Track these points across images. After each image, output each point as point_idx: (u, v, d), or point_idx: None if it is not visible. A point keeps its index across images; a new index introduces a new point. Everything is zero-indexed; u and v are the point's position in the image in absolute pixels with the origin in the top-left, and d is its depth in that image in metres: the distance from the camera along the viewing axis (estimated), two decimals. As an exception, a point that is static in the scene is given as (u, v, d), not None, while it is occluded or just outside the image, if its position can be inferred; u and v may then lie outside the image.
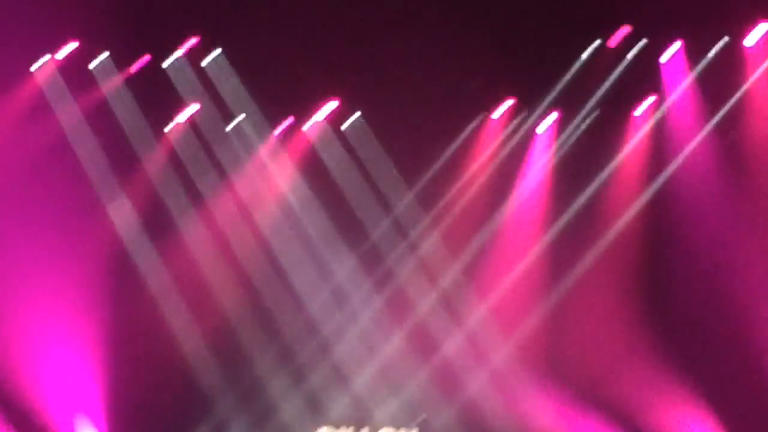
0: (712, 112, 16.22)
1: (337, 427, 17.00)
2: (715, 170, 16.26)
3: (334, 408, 17.32)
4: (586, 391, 16.18)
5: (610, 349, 16.20)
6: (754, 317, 15.37)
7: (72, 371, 16.16)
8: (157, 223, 16.85)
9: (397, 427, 16.93)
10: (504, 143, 17.16)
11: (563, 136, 17.03)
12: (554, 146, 17.11)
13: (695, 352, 16.02)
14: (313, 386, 17.19)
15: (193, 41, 16.07)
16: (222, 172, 16.90)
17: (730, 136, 16.11)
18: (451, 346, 17.19)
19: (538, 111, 16.90)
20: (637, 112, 16.65)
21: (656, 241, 16.64)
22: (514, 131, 17.09)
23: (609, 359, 16.16)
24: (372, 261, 17.48)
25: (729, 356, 15.78)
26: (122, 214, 16.58)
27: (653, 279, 16.54)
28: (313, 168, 17.13)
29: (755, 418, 15.45)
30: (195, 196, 16.90)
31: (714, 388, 15.83)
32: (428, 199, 17.31)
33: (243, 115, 16.69)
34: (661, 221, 16.58)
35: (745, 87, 15.93)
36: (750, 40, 15.69)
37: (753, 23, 15.61)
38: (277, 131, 16.99)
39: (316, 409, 17.18)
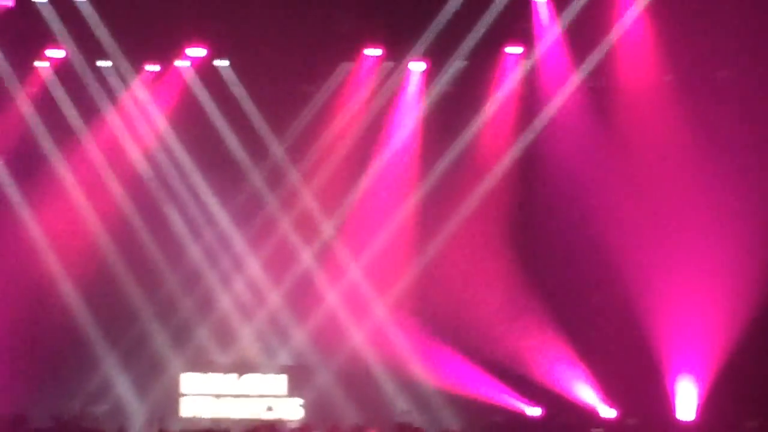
0: (581, 61, 16.31)
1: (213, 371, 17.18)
2: (584, 116, 16.35)
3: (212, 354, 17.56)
4: (455, 330, 16.37)
5: (483, 293, 16.33)
6: (620, 255, 15.57)
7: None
8: (30, 159, 17.02)
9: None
10: (373, 93, 17.20)
11: (433, 87, 17.09)
12: (424, 97, 17.19)
13: (562, 288, 16.32)
14: (180, 323, 17.38)
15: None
16: (91, 112, 17.03)
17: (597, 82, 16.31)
18: (332, 297, 17.34)
19: (406, 60, 16.93)
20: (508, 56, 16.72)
21: (528, 185, 16.77)
22: (383, 82, 17.12)
23: (481, 301, 16.30)
24: (251, 209, 17.60)
25: (592, 292, 16.15)
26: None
27: (525, 221, 16.72)
28: (183, 113, 17.19)
29: (609, 346, 15.80)
30: (67, 134, 17.06)
31: (574, 320, 16.17)
32: (300, 149, 17.38)
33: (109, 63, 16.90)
34: (533, 166, 16.69)
35: (611, 36, 15.98)
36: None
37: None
38: (144, 76, 17.08)
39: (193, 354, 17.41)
